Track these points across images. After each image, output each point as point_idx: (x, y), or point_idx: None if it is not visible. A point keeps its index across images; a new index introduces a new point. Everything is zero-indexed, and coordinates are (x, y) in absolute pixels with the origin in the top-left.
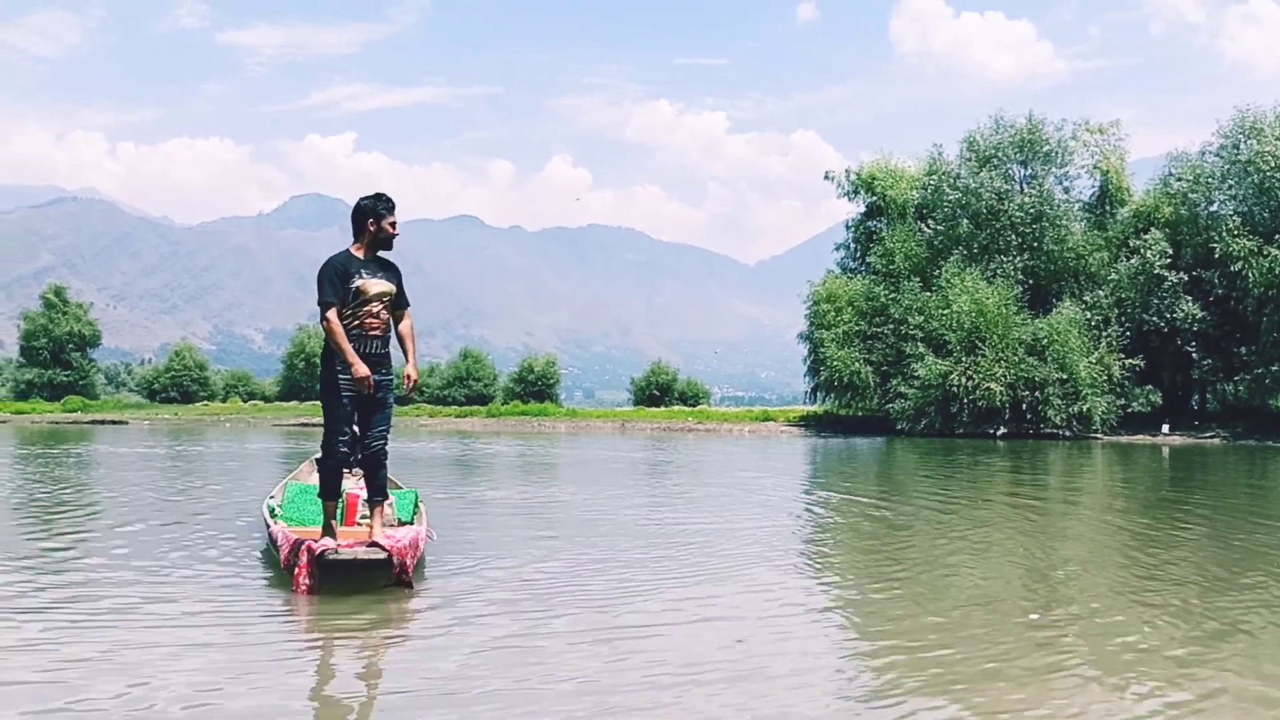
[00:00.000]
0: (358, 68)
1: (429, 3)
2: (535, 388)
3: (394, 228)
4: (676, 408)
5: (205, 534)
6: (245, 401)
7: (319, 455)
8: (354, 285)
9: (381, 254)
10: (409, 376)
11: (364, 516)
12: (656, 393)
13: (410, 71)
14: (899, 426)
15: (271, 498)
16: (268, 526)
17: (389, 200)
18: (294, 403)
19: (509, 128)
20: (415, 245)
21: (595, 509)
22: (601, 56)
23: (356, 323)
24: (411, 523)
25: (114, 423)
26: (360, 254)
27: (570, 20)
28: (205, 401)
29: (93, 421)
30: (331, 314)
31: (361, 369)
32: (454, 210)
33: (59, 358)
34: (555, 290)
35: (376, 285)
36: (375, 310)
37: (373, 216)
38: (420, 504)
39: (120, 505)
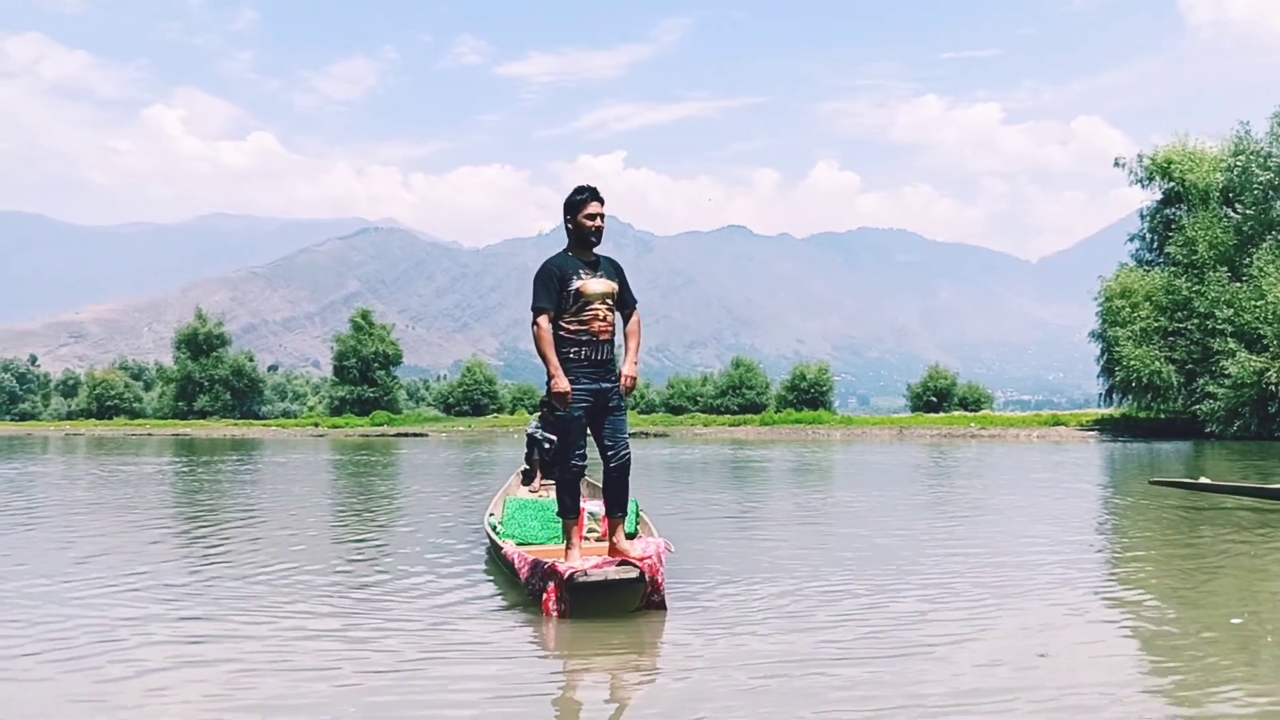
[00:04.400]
0: (624, 88)
1: (690, 21)
2: (808, 395)
3: (593, 220)
4: (957, 413)
5: (459, 546)
6: (530, 413)
7: (524, 468)
8: (573, 287)
9: (599, 251)
10: (626, 377)
11: (590, 530)
12: (934, 398)
13: (674, 88)
14: (1208, 430)
15: (491, 514)
16: (497, 547)
17: (585, 190)
18: None
19: (773, 136)
20: (685, 257)
21: (872, 518)
22: (866, 57)
23: (584, 326)
24: (636, 534)
25: (415, 435)
26: (577, 254)
27: (832, 25)
28: (495, 414)
29: (397, 434)
30: (543, 320)
31: (562, 383)
32: (721, 221)
33: (367, 375)
34: (824, 296)
35: (598, 285)
36: (601, 313)
37: (570, 211)
38: (642, 514)
39: (395, 511)
